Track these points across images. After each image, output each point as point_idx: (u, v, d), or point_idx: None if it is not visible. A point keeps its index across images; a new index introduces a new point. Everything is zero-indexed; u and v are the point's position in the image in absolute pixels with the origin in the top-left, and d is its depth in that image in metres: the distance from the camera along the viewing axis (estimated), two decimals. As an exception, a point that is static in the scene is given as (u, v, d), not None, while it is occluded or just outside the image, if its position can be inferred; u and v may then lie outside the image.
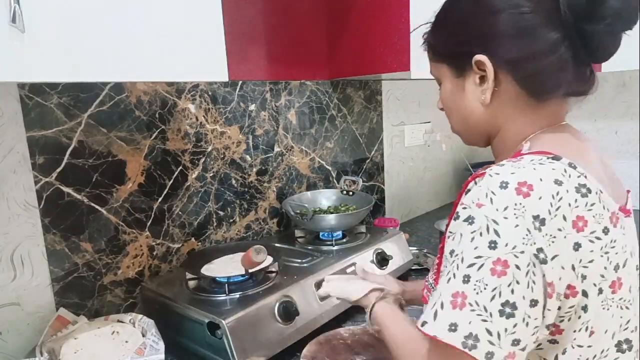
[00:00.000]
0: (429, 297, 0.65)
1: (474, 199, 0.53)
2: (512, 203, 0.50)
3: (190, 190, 1.20)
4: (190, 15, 0.78)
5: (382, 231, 1.37)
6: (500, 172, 0.53)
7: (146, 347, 0.84)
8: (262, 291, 0.98)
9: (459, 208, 0.55)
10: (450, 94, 0.68)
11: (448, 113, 0.71)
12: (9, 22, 0.57)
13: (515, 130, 0.63)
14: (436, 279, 0.62)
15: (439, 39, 0.68)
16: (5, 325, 0.92)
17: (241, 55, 1.29)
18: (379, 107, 1.78)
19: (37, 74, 0.63)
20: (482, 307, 0.49)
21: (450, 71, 0.67)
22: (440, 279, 0.54)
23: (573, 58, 0.57)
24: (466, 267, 0.50)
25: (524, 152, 0.58)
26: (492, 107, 0.63)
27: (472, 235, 0.51)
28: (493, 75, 0.60)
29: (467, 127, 0.69)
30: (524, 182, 0.51)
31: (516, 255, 0.49)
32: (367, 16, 1.36)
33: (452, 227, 0.55)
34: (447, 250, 0.55)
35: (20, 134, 0.90)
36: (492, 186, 0.52)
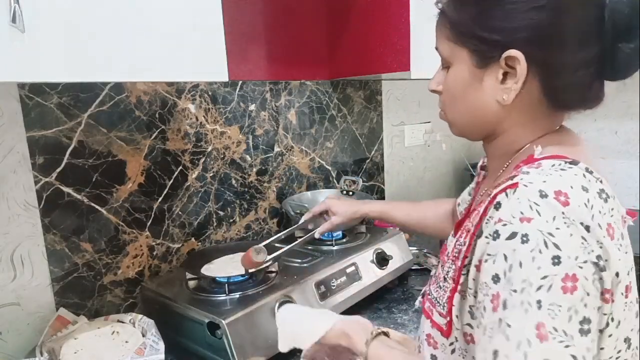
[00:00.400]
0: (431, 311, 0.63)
1: (515, 213, 0.48)
2: (558, 212, 0.47)
3: (190, 190, 1.20)
4: (190, 15, 0.78)
5: (382, 231, 1.37)
6: (533, 181, 0.50)
7: (146, 347, 0.84)
8: (262, 291, 0.98)
9: (496, 226, 0.49)
10: (462, 82, 0.61)
11: (449, 100, 0.65)
12: (9, 22, 0.57)
13: (521, 135, 0.61)
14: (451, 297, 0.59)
15: (467, 17, 0.58)
16: (5, 325, 0.92)
17: (241, 55, 1.29)
18: (379, 107, 1.78)
19: (37, 74, 0.63)
20: (561, 331, 0.45)
21: (470, 58, 0.59)
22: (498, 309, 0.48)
23: (598, 74, 0.55)
24: (535, 291, 0.46)
25: (537, 156, 0.55)
26: (508, 108, 0.59)
27: (532, 254, 0.46)
28: (525, 75, 0.55)
29: (471, 121, 0.64)
30: (559, 191, 0.48)
31: (580, 267, 0.46)
32: (367, 16, 1.36)
33: (490, 248, 0.50)
34: (487, 275, 0.50)
35: (20, 134, 0.90)
36: (532, 197, 0.48)
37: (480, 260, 0.52)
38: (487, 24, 0.56)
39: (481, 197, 0.66)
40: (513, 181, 0.51)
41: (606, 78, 0.57)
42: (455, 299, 0.58)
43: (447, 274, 0.62)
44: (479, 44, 0.57)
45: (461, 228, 0.66)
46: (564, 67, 0.55)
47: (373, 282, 1.16)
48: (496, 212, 0.50)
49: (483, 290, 0.51)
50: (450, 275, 0.61)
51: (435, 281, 0.67)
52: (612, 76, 0.57)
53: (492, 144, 0.65)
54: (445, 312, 0.61)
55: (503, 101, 0.58)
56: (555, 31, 0.53)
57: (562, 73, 0.55)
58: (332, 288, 1.07)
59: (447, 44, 0.61)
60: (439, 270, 0.67)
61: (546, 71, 0.55)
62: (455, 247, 0.63)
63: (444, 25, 0.61)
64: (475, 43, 0.58)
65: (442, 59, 0.64)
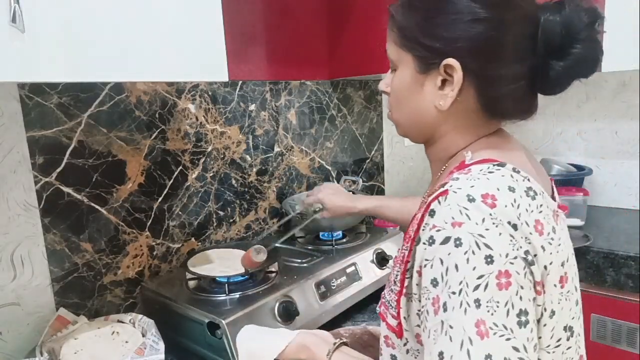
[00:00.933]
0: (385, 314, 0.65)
1: (447, 219, 0.51)
2: (486, 214, 0.50)
3: (190, 190, 1.20)
4: (190, 16, 0.78)
5: (382, 231, 1.37)
6: (461, 187, 0.52)
7: (146, 347, 0.84)
8: (262, 291, 0.98)
9: (431, 232, 0.52)
10: (405, 85, 0.64)
11: (394, 102, 0.67)
12: (9, 22, 0.57)
13: (457, 141, 0.63)
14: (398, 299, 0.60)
15: (412, 23, 0.61)
16: (5, 325, 0.92)
17: (241, 55, 1.29)
18: (379, 107, 1.78)
19: (37, 74, 0.63)
20: (501, 326, 0.47)
21: (414, 63, 0.61)
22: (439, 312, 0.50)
23: (530, 87, 0.58)
24: (473, 291, 0.48)
25: (467, 162, 0.58)
26: (445, 114, 0.61)
27: (466, 256, 0.49)
28: (460, 84, 0.58)
29: (411, 123, 0.66)
30: (486, 194, 0.51)
31: (512, 262, 0.49)
32: (367, 16, 1.36)
33: (428, 254, 0.52)
34: (426, 279, 0.52)
35: (20, 134, 0.90)
36: (461, 202, 0.51)
37: (421, 266, 0.54)
38: (430, 32, 0.59)
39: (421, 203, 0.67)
40: (444, 188, 0.53)
41: (538, 92, 0.60)
42: (402, 301, 0.60)
43: (396, 277, 0.63)
44: (421, 50, 0.60)
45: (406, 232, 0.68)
46: (498, 79, 0.57)
47: (373, 282, 1.16)
48: (431, 219, 0.53)
49: (425, 295, 0.52)
50: (398, 278, 0.63)
51: (387, 284, 0.69)
52: (543, 90, 0.59)
53: (431, 148, 0.67)
54: (396, 313, 0.62)
55: (440, 107, 0.60)
56: (492, 44, 0.56)
57: (496, 84, 0.58)
58: (332, 288, 1.07)
59: (394, 47, 0.64)
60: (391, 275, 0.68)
61: (481, 81, 0.58)
62: (400, 251, 0.65)
63: (392, 29, 0.64)
64: (418, 49, 0.60)
65: (391, 62, 0.66)
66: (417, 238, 0.55)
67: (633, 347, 1.39)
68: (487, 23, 0.55)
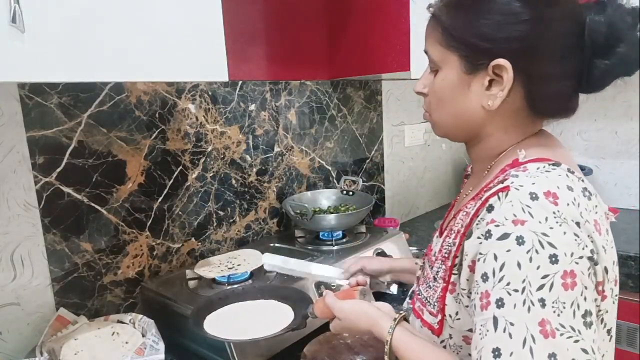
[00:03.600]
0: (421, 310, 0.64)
1: (507, 215, 0.50)
2: (550, 213, 0.49)
3: (190, 190, 1.20)
4: (190, 15, 0.78)
5: (382, 231, 1.37)
6: (523, 184, 0.52)
7: (146, 347, 0.84)
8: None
9: (488, 226, 0.51)
10: (450, 86, 0.63)
11: (436, 103, 0.66)
12: (9, 22, 0.57)
13: (504, 140, 0.63)
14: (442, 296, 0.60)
15: (460, 23, 0.60)
16: (5, 325, 0.92)
17: (241, 55, 1.29)
18: (379, 107, 1.78)
19: (37, 74, 0.63)
20: (568, 327, 0.47)
21: (460, 63, 0.61)
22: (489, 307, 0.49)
23: (576, 86, 0.59)
24: (536, 291, 0.48)
25: (521, 160, 0.58)
26: (492, 114, 0.61)
27: (529, 255, 0.48)
28: (511, 84, 0.58)
29: (456, 124, 0.66)
30: (548, 192, 0.51)
31: (577, 262, 0.48)
32: (367, 16, 1.36)
33: (483, 248, 0.52)
34: (477, 273, 0.52)
35: (20, 134, 0.90)
36: (524, 199, 0.51)
37: (474, 260, 0.54)
38: (478, 32, 0.58)
39: (466, 198, 0.67)
40: (504, 184, 0.53)
41: (581, 91, 0.61)
42: (448, 298, 0.59)
43: (437, 274, 0.63)
44: (469, 51, 0.60)
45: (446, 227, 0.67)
46: (547, 78, 0.58)
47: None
48: (488, 214, 0.53)
49: (474, 289, 0.52)
50: (440, 275, 0.62)
51: (424, 281, 0.68)
52: (585, 89, 0.60)
53: (475, 147, 0.67)
54: (436, 311, 0.62)
55: (488, 107, 0.60)
56: (540, 43, 0.56)
57: (544, 83, 0.58)
58: (332, 288, 1.07)
59: (438, 48, 0.63)
60: (427, 271, 0.68)
61: (530, 80, 0.58)
62: (443, 248, 0.64)
63: (436, 29, 0.63)
64: (466, 49, 0.60)
65: (431, 62, 0.66)
66: (469, 232, 0.55)
67: (633, 347, 1.39)
68: (534, 22, 0.56)
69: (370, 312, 0.70)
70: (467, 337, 0.59)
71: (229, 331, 0.81)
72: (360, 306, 0.72)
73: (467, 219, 0.58)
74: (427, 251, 0.74)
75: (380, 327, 0.67)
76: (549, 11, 0.56)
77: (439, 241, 0.68)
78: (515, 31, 0.56)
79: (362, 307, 0.72)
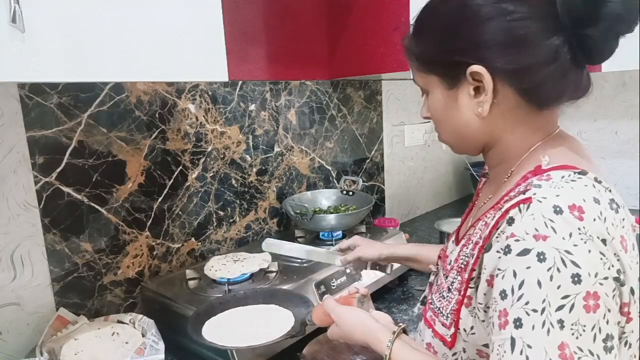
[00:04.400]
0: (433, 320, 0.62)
1: (529, 229, 0.47)
2: (574, 228, 0.46)
3: (190, 190, 1.20)
4: (190, 15, 0.78)
5: (382, 231, 1.37)
6: (547, 196, 0.49)
7: (146, 347, 0.84)
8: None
9: (508, 241, 0.49)
10: (441, 105, 0.63)
11: (437, 124, 0.67)
12: (9, 22, 0.57)
13: (515, 141, 0.61)
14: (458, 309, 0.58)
15: (425, 47, 0.62)
16: (5, 325, 0.92)
17: (241, 55, 1.29)
18: (379, 107, 1.78)
19: (37, 74, 0.63)
20: (587, 351, 0.44)
21: (441, 82, 0.62)
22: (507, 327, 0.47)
23: (572, 63, 0.55)
24: (556, 311, 0.45)
25: (544, 167, 0.55)
26: (490, 119, 0.59)
27: (550, 273, 0.45)
28: (492, 86, 0.56)
29: (461, 139, 0.65)
30: (573, 205, 0.48)
31: (601, 283, 0.46)
32: (367, 16, 1.36)
33: (502, 263, 0.49)
34: (496, 290, 0.49)
35: (20, 134, 0.90)
36: (547, 213, 0.47)
37: (492, 275, 0.51)
38: (445, 47, 0.59)
39: (484, 206, 0.65)
40: (525, 195, 0.50)
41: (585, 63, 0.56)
42: (463, 312, 0.57)
43: (452, 285, 0.61)
44: (444, 68, 0.61)
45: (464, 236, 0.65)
46: (529, 68, 0.55)
47: (373, 282, 1.16)
48: (509, 227, 0.50)
49: (492, 306, 0.50)
50: (455, 286, 0.60)
51: (437, 290, 0.66)
52: (589, 60, 0.56)
53: (489, 154, 0.66)
54: (449, 322, 0.60)
55: (480, 114, 0.59)
56: (510, 37, 0.54)
57: (528, 74, 0.55)
58: (332, 288, 1.07)
59: (419, 75, 0.65)
60: (442, 280, 0.66)
61: (513, 76, 0.56)
62: (460, 258, 0.62)
63: (411, 59, 0.66)
64: (439, 68, 0.61)
65: (421, 89, 0.67)
66: (488, 245, 0.53)
67: (633, 347, 1.38)
68: (495, 18, 0.54)
69: (368, 323, 0.67)
70: (481, 351, 0.57)
71: (229, 337, 0.80)
72: (357, 315, 0.69)
73: (486, 230, 0.56)
74: (442, 256, 0.72)
75: (377, 340, 0.64)
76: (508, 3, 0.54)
77: (455, 249, 0.66)
78: (479, 33, 0.55)
79: (359, 316, 0.69)
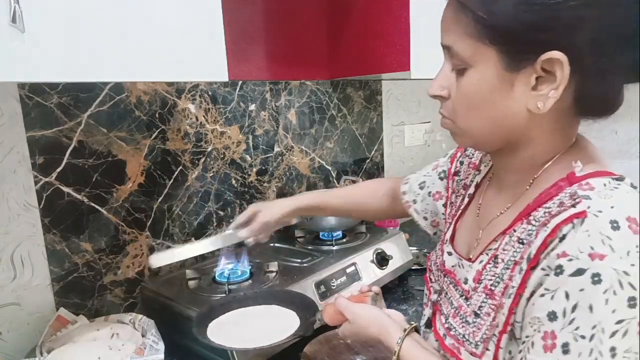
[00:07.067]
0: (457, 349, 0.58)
1: (583, 248, 0.44)
2: (632, 246, 0.43)
3: (190, 190, 1.20)
4: (190, 15, 0.78)
5: (382, 231, 1.37)
6: (602, 209, 0.45)
7: (146, 347, 0.84)
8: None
9: (560, 260, 0.45)
10: (487, 87, 0.52)
11: (465, 107, 0.55)
12: (9, 22, 0.57)
13: (547, 146, 0.55)
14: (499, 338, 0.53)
15: (499, 9, 0.48)
16: (5, 325, 0.92)
17: (241, 55, 1.29)
18: (379, 107, 1.77)
19: (37, 74, 0.63)
20: None
21: (500, 60, 0.50)
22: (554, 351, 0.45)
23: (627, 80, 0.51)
24: (609, 338, 0.42)
25: (578, 174, 0.51)
26: (539, 117, 0.52)
27: (605, 296, 0.42)
28: (567, 81, 0.48)
29: (492, 131, 0.55)
30: (629, 217, 0.44)
31: None
32: (367, 16, 1.36)
33: (550, 283, 0.46)
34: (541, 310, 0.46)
35: (20, 134, 0.90)
36: (604, 229, 0.44)
37: (534, 292, 0.48)
38: (524, 19, 0.47)
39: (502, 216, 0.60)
40: (577, 210, 0.46)
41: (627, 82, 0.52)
42: (504, 340, 0.53)
43: (481, 310, 0.56)
44: (512, 43, 0.49)
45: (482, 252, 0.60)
46: (606, 73, 0.49)
47: (373, 282, 1.16)
48: (560, 245, 0.46)
49: (534, 326, 0.47)
50: (485, 311, 0.56)
51: (454, 314, 0.62)
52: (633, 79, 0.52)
53: (510, 155, 0.58)
54: (479, 351, 0.56)
55: (537, 110, 0.50)
56: (606, 31, 0.47)
57: (602, 79, 0.50)
58: (332, 288, 1.07)
59: (467, 41, 0.51)
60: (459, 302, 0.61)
61: (586, 76, 0.49)
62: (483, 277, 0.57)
63: (463, 17, 0.51)
64: (508, 41, 0.49)
65: (457, 59, 0.54)
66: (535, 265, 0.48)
67: (633, 347, 1.38)
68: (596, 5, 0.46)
69: (382, 319, 0.66)
70: None
71: (233, 338, 0.79)
72: (372, 312, 0.68)
73: (527, 248, 0.51)
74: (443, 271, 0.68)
75: (389, 336, 0.63)
76: None
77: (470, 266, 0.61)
78: (577, 18, 0.46)
79: (373, 313, 0.68)
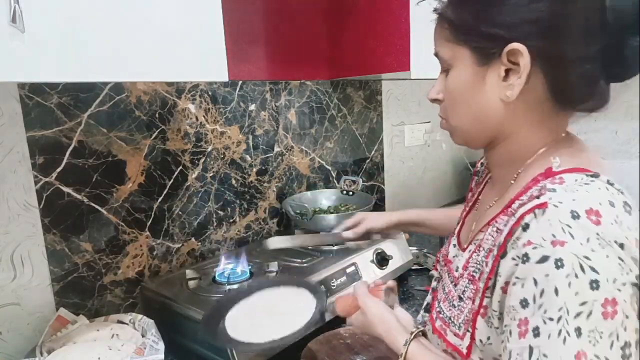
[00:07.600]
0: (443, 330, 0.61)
1: (546, 235, 0.46)
2: (592, 234, 0.45)
3: (190, 190, 1.20)
4: (190, 15, 0.78)
5: (382, 231, 1.37)
6: (562, 200, 0.48)
7: (146, 347, 0.84)
8: (262, 291, 0.98)
9: (525, 248, 0.48)
10: (465, 83, 0.59)
11: (452, 106, 0.62)
12: (9, 22, 0.57)
13: (527, 139, 0.58)
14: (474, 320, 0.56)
15: (468, 14, 0.56)
16: (5, 325, 0.92)
17: (241, 55, 1.29)
18: (379, 107, 1.78)
19: (37, 74, 0.63)
20: (603, 359, 0.44)
21: (472, 57, 0.57)
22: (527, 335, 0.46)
23: (605, 71, 0.53)
24: (573, 319, 0.44)
25: (555, 169, 0.53)
26: (513, 108, 0.56)
27: (568, 280, 0.45)
28: (528, 69, 0.53)
29: (475, 125, 0.60)
30: (590, 209, 0.46)
31: (619, 289, 0.45)
32: (367, 16, 1.36)
33: (520, 271, 0.48)
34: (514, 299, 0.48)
35: (20, 134, 0.90)
36: (564, 218, 0.46)
37: (507, 282, 0.51)
38: (488, 19, 0.54)
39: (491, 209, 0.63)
40: (541, 200, 0.49)
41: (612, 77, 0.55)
42: (479, 322, 0.56)
43: (464, 294, 0.60)
44: (480, 40, 0.56)
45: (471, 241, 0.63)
46: (569, 60, 0.52)
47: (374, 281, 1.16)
48: (524, 234, 0.49)
49: (510, 314, 0.49)
50: (467, 295, 0.59)
51: (445, 298, 0.65)
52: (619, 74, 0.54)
53: (497, 149, 0.62)
54: (461, 332, 0.59)
55: (506, 98, 0.55)
56: (559, 22, 0.51)
57: (567, 66, 0.53)
58: (332, 288, 1.07)
59: (447, 45, 0.60)
60: (449, 287, 0.64)
61: (550, 65, 0.53)
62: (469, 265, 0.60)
63: (443, 27, 0.60)
64: (476, 39, 0.56)
65: (443, 63, 0.62)
66: (503, 252, 0.52)
67: (633, 347, 1.38)
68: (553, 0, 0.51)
69: (390, 321, 0.68)
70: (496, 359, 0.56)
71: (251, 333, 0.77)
72: (384, 312, 0.70)
73: (499, 236, 0.54)
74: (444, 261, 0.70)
75: (394, 338, 0.65)
76: None
77: (462, 255, 0.65)
78: (528, 12, 0.52)
79: (383, 312, 0.70)
